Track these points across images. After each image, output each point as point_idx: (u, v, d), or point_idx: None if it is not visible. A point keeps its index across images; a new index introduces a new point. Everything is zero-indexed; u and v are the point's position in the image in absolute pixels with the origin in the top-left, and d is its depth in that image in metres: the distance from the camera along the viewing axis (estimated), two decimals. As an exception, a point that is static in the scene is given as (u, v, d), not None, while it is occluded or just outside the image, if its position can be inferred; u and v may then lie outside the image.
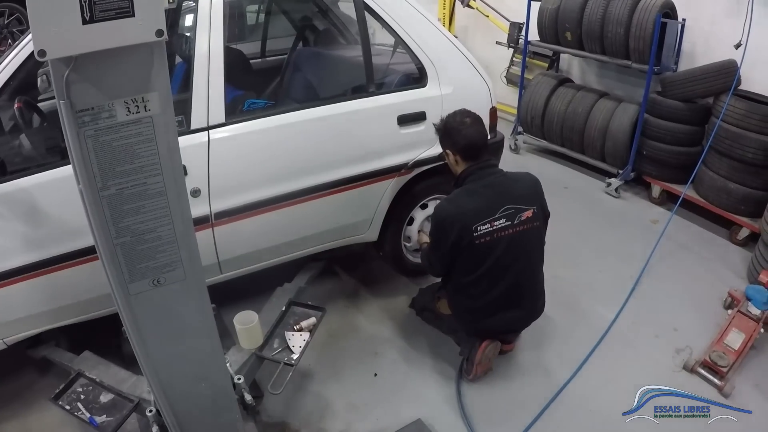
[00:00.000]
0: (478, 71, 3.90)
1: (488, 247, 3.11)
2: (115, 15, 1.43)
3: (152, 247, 1.78)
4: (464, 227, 3.07)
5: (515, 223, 3.13)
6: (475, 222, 3.07)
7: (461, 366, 3.52)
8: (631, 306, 4.24)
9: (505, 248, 3.13)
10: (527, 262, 3.27)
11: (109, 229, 1.70)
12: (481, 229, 3.07)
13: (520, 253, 3.20)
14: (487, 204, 3.12)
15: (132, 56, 1.53)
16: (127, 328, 1.94)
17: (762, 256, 4.43)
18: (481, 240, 3.08)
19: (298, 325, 3.14)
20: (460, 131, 3.20)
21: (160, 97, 1.61)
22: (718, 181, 5.24)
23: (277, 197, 3.28)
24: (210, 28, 3.06)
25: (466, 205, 3.13)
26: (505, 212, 3.11)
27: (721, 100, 5.14)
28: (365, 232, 3.87)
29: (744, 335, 3.71)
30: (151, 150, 1.65)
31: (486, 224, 3.08)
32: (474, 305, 3.29)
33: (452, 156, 3.28)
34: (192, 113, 3.02)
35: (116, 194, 1.66)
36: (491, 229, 3.09)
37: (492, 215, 3.09)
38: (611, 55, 6.07)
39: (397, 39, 3.64)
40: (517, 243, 3.16)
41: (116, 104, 1.57)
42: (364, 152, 3.55)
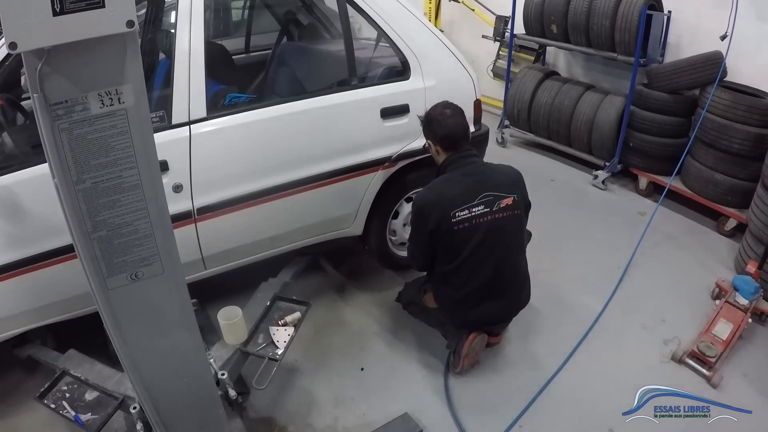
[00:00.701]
0: (462, 64, 3.90)
1: (467, 234, 3.12)
2: (86, 6, 1.42)
3: (129, 240, 1.77)
4: (442, 214, 3.10)
5: (494, 210, 3.15)
6: (453, 208, 3.10)
7: (448, 359, 3.52)
8: (619, 297, 4.26)
9: (483, 235, 3.14)
10: (507, 249, 3.27)
11: (85, 224, 1.69)
12: (459, 215, 3.09)
13: (499, 241, 3.20)
14: (465, 191, 3.15)
15: (104, 48, 1.52)
16: (106, 323, 1.92)
17: (749, 247, 4.45)
18: (460, 226, 3.10)
19: (282, 319, 3.12)
20: (440, 122, 3.25)
21: (134, 89, 1.60)
22: (704, 172, 5.26)
23: (260, 191, 3.27)
24: (190, 23, 3.04)
25: (444, 192, 3.16)
26: (483, 199, 3.13)
27: (707, 91, 5.14)
28: (350, 226, 3.86)
29: (732, 325, 3.72)
30: (125, 143, 1.63)
31: (464, 210, 3.10)
32: (457, 296, 3.29)
33: (434, 146, 3.33)
34: (173, 108, 3.00)
35: (92, 188, 1.65)
36: (469, 215, 3.10)
37: (470, 201, 3.11)
38: (597, 47, 6.08)
39: (380, 32, 3.64)
40: (496, 230, 3.17)
41: (90, 97, 1.56)
42: (347, 145, 3.54)
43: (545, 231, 3.34)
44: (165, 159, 2.91)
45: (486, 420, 3.21)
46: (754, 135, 4.85)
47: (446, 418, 3.20)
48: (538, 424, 3.20)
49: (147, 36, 3.96)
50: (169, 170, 2.94)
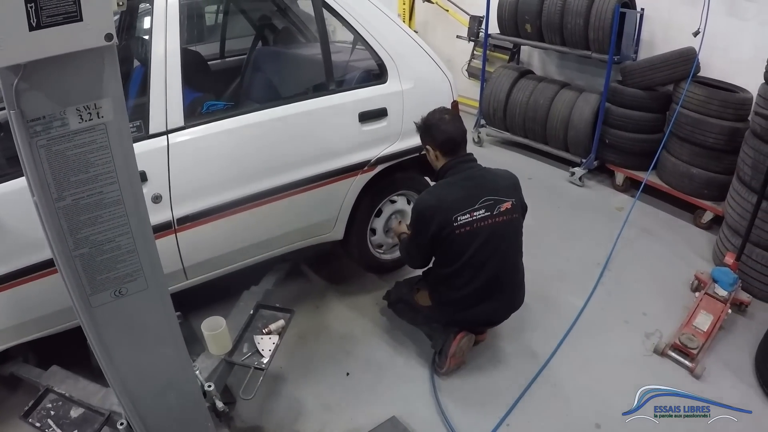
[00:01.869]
0: (438, 65, 3.90)
1: (468, 237, 3.14)
2: (63, 20, 1.38)
3: (112, 257, 1.73)
4: (444, 218, 3.11)
5: (494, 214, 3.17)
6: (455, 212, 3.11)
7: (433, 360, 3.51)
8: (600, 293, 4.28)
9: (485, 238, 3.16)
10: (507, 252, 3.29)
11: (66, 241, 1.65)
12: (461, 219, 3.10)
13: (499, 244, 3.22)
14: (466, 195, 3.16)
15: (82, 62, 1.48)
16: (91, 341, 1.89)
17: (726, 239, 4.51)
18: (462, 230, 3.11)
19: (266, 328, 3.10)
20: (440, 127, 3.25)
21: (113, 103, 1.56)
22: (680, 167, 5.32)
23: (239, 200, 3.24)
24: (166, 30, 2.98)
25: (446, 197, 3.16)
26: (484, 203, 3.15)
27: (681, 87, 5.22)
28: (330, 231, 3.84)
29: (712, 317, 3.77)
30: (105, 158, 1.60)
31: (466, 214, 3.11)
32: (455, 296, 3.31)
33: (432, 151, 3.32)
34: (150, 117, 2.94)
35: (72, 205, 1.61)
36: (471, 219, 3.12)
37: (471, 206, 3.13)
38: (571, 45, 6.13)
39: (356, 36, 3.62)
40: (497, 233, 3.20)
41: (68, 112, 1.52)
42: (325, 151, 3.52)
43: (524, 228, 3.34)
44: (143, 170, 2.85)
45: (474, 419, 3.21)
46: (728, 129, 4.92)
47: (435, 420, 3.19)
48: (526, 422, 3.20)
49: (121, 43, 3.90)
50: (147, 181, 2.89)
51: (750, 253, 4.20)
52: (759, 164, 4.13)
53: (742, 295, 4.09)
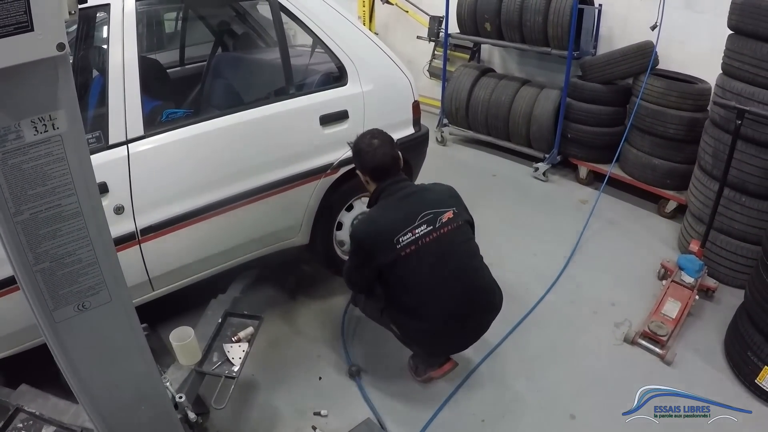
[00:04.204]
0: (398, 66, 3.92)
1: (417, 259, 2.96)
2: (14, 30, 1.35)
3: (73, 270, 1.70)
4: (385, 245, 2.95)
5: (437, 227, 3.01)
6: (395, 234, 2.94)
7: (409, 362, 3.48)
8: (568, 286, 4.33)
9: (436, 256, 2.99)
10: (463, 258, 3.13)
11: (26, 256, 1.61)
12: (402, 241, 2.94)
13: (452, 255, 3.06)
14: (404, 214, 3.01)
15: (35, 73, 1.45)
16: (56, 357, 1.85)
17: (690, 227, 4.60)
18: (407, 251, 2.94)
19: (235, 336, 3.08)
20: (368, 153, 3.13)
21: (68, 114, 1.53)
22: (642, 158, 5.40)
23: (203, 208, 3.21)
24: (123, 38, 2.95)
25: (381, 221, 3.04)
26: (424, 218, 2.99)
27: (640, 80, 5.30)
28: (296, 235, 3.83)
29: (680, 303, 3.84)
30: (62, 170, 1.56)
31: (407, 234, 2.95)
32: (431, 327, 3.08)
33: (363, 176, 3.22)
34: (109, 128, 2.90)
35: (30, 219, 1.57)
36: (413, 238, 2.95)
37: (411, 224, 2.97)
38: (531, 43, 6.19)
39: (315, 39, 3.62)
40: (445, 245, 3.03)
41: (23, 125, 1.48)
42: (287, 155, 3.50)
43: (490, 225, 3.36)
44: (104, 181, 2.82)
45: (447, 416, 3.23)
46: (687, 119, 5.02)
47: (409, 419, 3.19)
48: (500, 416, 3.23)
49: (79, 53, 3.84)
50: (108, 192, 2.85)
51: (714, 240, 4.29)
52: (719, 152, 4.20)
53: (709, 281, 4.16)
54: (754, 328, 3.35)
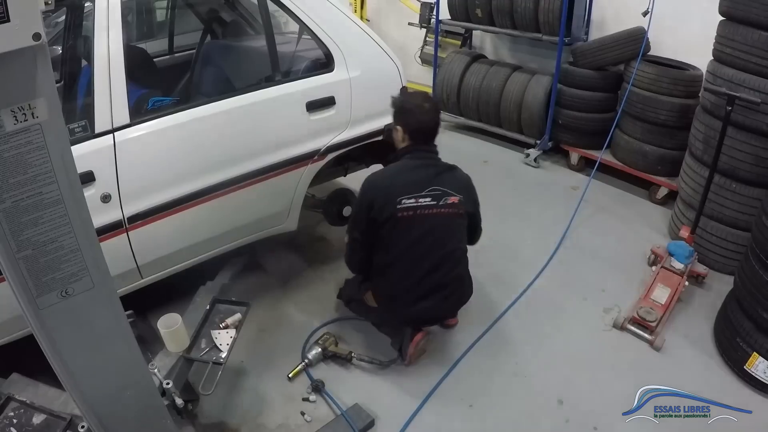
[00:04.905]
0: (386, 52, 3.92)
1: (410, 224, 3.11)
2: (-10, 22, 1.37)
3: (56, 257, 1.72)
4: (388, 198, 3.11)
5: (440, 204, 3.14)
6: (399, 195, 3.10)
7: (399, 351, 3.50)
8: (559, 271, 4.37)
9: (427, 228, 3.14)
10: (449, 244, 3.25)
11: (9, 244, 1.63)
12: (405, 203, 3.09)
13: (442, 235, 3.20)
14: (415, 181, 3.15)
15: (13, 63, 1.46)
16: (42, 344, 1.87)
17: (681, 213, 4.64)
18: (403, 214, 3.09)
19: (223, 322, 3.10)
20: (416, 114, 3.25)
21: (48, 103, 1.55)
22: (633, 144, 5.43)
23: (190, 195, 3.22)
24: (108, 26, 2.95)
25: (393, 179, 3.19)
26: (431, 192, 3.13)
27: (632, 66, 5.30)
28: (284, 222, 3.84)
29: (669, 290, 3.87)
30: (43, 158, 1.58)
31: (411, 198, 3.10)
32: (397, 290, 3.28)
33: (401, 133, 3.30)
34: (95, 116, 2.91)
35: (12, 207, 1.60)
36: (415, 205, 3.10)
37: (418, 191, 3.12)
38: (522, 29, 6.18)
39: (302, 25, 3.62)
40: (440, 225, 3.18)
41: (3, 114, 1.50)
42: (274, 142, 3.52)
43: (482, 211, 3.36)
44: (90, 169, 2.84)
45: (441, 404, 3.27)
46: (679, 106, 5.04)
47: (397, 406, 3.22)
48: (488, 402, 3.27)
49: (68, 43, 3.85)
50: (95, 181, 2.87)
51: (705, 226, 4.32)
52: (710, 139, 4.22)
53: (699, 267, 4.20)
54: (743, 315, 3.38)
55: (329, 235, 4.83)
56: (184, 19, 5.46)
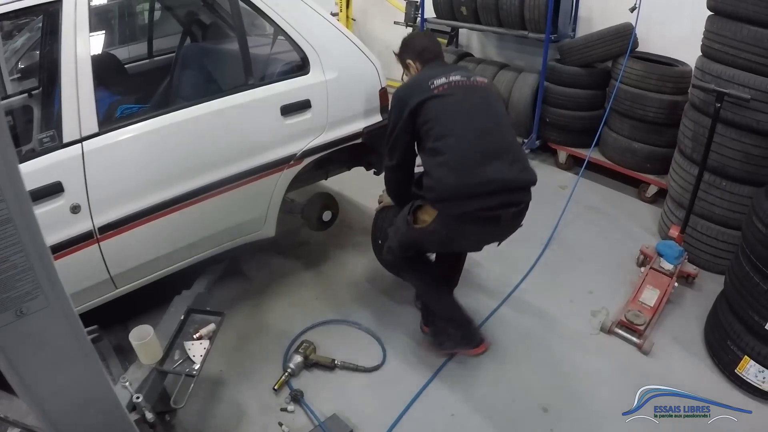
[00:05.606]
0: (364, 53, 3.92)
1: (446, 96, 3.06)
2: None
3: (9, 276, 1.70)
4: (420, 87, 3.10)
5: (470, 78, 3.16)
6: (429, 80, 3.09)
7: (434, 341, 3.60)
8: (545, 273, 4.36)
9: (464, 93, 3.10)
10: (494, 107, 3.20)
11: (-39, 264, 1.62)
12: (436, 82, 3.07)
13: (484, 99, 3.17)
14: (441, 71, 3.16)
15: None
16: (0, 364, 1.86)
17: (671, 212, 4.63)
18: (438, 90, 3.05)
19: (197, 333, 3.08)
20: (416, 40, 3.45)
21: (-8, 118, 1.53)
22: (622, 142, 5.43)
23: (162, 203, 3.20)
24: (75, 33, 2.93)
25: (421, 76, 3.21)
26: (459, 72, 3.16)
27: (620, 62, 5.30)
28: (261, 228, 3.83)
29: (658, 291, 3.86)
30: (-11, 177, 1.57)
31: (441, 78, 3.08)
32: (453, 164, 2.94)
33: (413, 65, 3.39)
34: (63, 126, 2.88)
35: (-39, 228, 1.58)
36: (446, 81, 3.08)
37: (447, 74, 3.12)
38: (508, 26, 6.18)
39: (276, 28, 3.60)
40: (479, 91, 3.16)
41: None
42: (248, 147, 3.50)
43: None
44: (59, 180, 2.83)
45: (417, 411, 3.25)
46: (667, 102, 5.04)
47: (377, 415, 3.21)
48: (471, 410, 3.25)
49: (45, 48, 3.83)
50: (64, 191, 2.85)
51: (695, 225, 4.32)
52: (699, 136, 4.21)
53: (689, 268, 4.19)
54: (733, 317, 3.36)
55: (311, 240, 4.81)
56: (166, 22, 5.44)
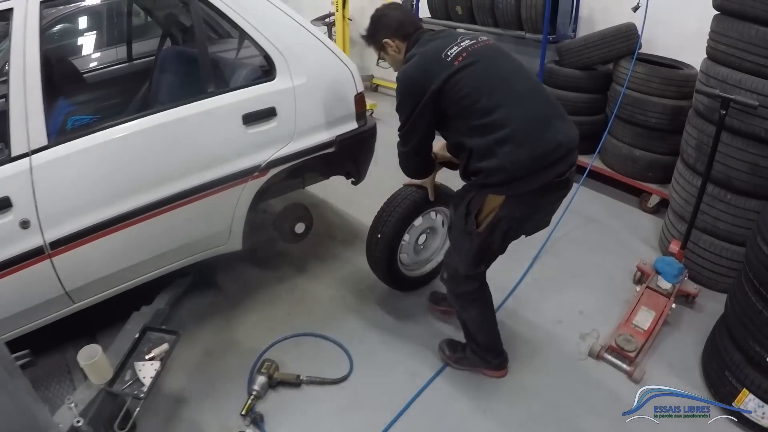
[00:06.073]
0: (338, 57, 3.81)
1: (470, 63, 2.78)
2: None
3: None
4: (434, 63, 2.82)
5: (479, 40, 2.92)
6: (441, 51, 2.82)
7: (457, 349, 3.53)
8: (531, 291, 4.18)
9: (487, 56, 2.85)
10: (518, 66, 2.95)
11: None
12: (451, 53, 2.80)
13: (505, 60, 2.93)
14: (444, 41, 2.90)
15: None
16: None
17: (672, 225, 4.46)
18: (458, 60, 2.78)
19: (150, 353, 2.98)
20: (388, 15, 3.13)
21: None
22: (622, 149, 5.31)
23: (116, 218, 3.10)
24: (24, 40, 2.84)
25: (424, 52, 2.90)
26: (464, 37, 2.93)
27: (621, 65, 5.18)
28: (226, 242, 3.73)
29: (654, 313, 3.68)
30: None
31: (453, 47, 2.82)
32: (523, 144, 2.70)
33: (393, 45, 3.13)
34: (11, 139, 2.80)
35: None
36: (461, 48, 2.82)
37: (454, 41, 2.87)
38: (504, 26, 6.14)
39: (240, 31, 3.49)
40: (495, 51, 2.93)
41: None
42: (207, 159, 3.38)
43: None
44: (7, 195, 2.76)
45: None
46: (671, 108, 4.89)
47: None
48: None
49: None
50: (12, 207, 2.78)
51: (697, 240, 4.14)
52: (702, 145, 4.04)
53: (689, 287, 4.00)
54: (733, 345, 3.18)
55: (290, 251, 4.69)
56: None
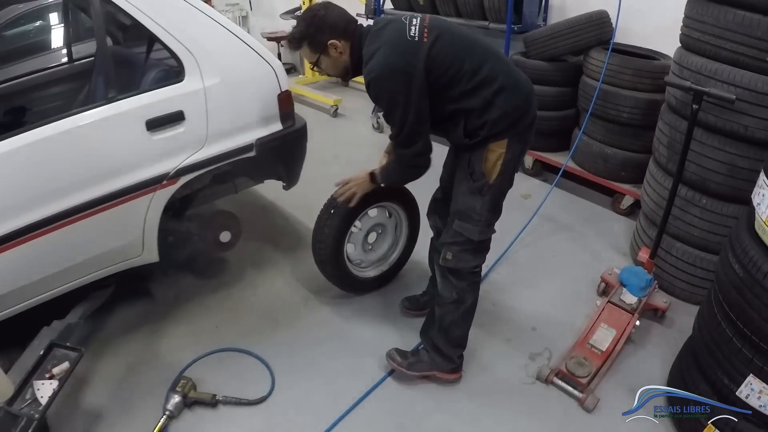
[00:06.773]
0: (259, 54, 3.64)
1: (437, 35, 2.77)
2: None
3: None
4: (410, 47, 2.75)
5: (423, 15, 2.89)
6: (403, 33, 2.77)
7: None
8: (482, 303, 3.72)
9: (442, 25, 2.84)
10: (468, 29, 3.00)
11: None
12: (415, 32, 2.76)
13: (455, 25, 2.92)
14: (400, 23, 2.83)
15: None
16: None
17: (643, 230, 4.28)
18: (424, 36, 2.76)
19: (50, 372, 2.91)
20: (335, 12, 2.92)
21: None
22: (593, 147, 5.16)
23: (14, 232, 2.95)
24: None
25: (385, 38, 2.82)
26: (412, 16, 2.86)
27: (591, 56, 5.03)
28: (140, 254, 3.58)
29: (615, 332, 3.45)
30: None
31: (411, 27, 2.78)
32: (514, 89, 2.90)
33: (339, 46, 2.93)
34: None
35: None
36: (419, 26, 2.78)
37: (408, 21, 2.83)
38: (467, 16, 6.10)
39: (144, 30, 3.29)
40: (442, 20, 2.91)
41: None
42: (108, 168, 3.21)
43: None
44: None
45: None
46: (644, 102, 4.72)
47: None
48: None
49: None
50: None
51: (669, 248, 3.94)
52: (675, 143, 3.81)
53: (658, 300, 3.75)
54: (700, 375, 2.94)
55: (229, 258, 4.53)
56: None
